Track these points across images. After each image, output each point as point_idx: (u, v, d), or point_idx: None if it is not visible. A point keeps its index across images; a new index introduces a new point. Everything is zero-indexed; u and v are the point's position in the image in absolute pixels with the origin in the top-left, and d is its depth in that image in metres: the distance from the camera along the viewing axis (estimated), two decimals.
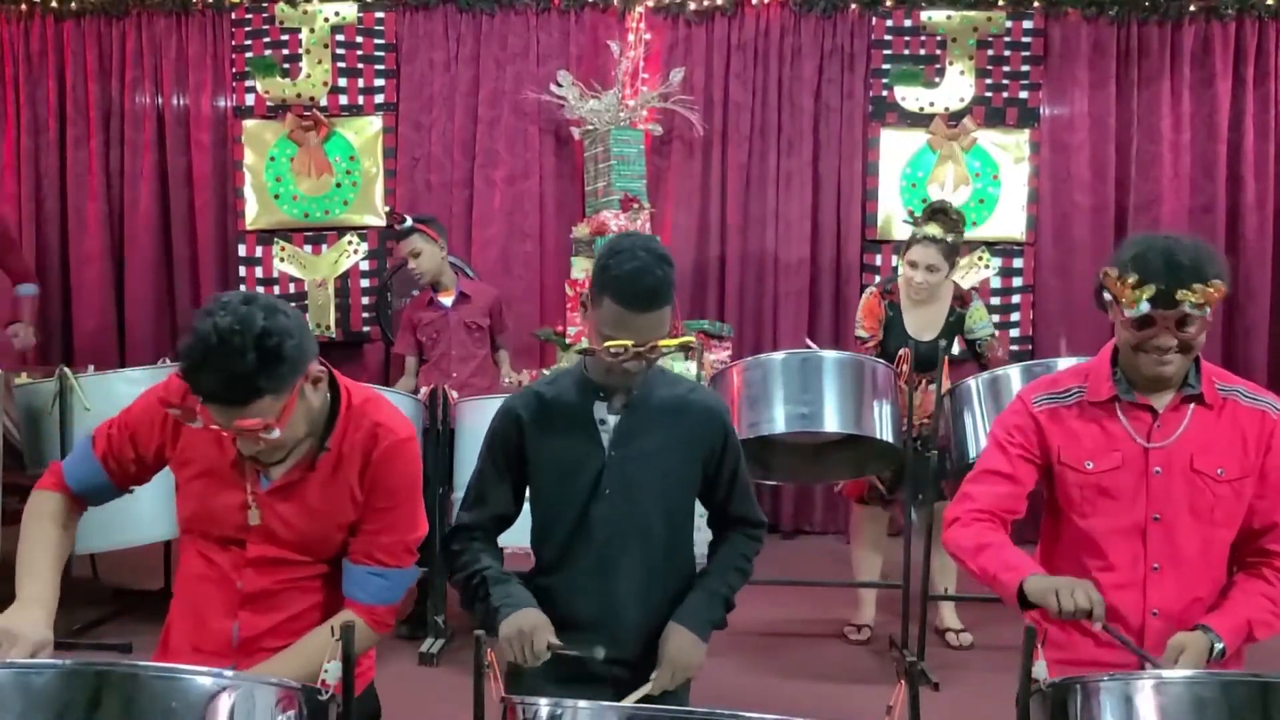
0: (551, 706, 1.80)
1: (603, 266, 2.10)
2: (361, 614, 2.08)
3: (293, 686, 1.74)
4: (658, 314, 2.09)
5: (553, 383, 2.28)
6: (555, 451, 2.21)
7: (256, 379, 1.86)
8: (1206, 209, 6.24)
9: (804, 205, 6.30)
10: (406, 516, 2.12)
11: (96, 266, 6.39)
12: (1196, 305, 2.06)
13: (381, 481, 2.08)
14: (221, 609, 2.11)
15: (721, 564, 2.29)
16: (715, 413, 2.28)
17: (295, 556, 2.10)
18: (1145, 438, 2.19)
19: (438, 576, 4.29)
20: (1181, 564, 2.19)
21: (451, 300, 4.81)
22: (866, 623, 4.59)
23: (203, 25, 6.36)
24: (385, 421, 2.10)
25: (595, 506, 2.19)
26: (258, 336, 1.85)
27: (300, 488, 2.07)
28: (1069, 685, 1.85)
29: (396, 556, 2.11)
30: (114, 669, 1.68)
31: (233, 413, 1.89)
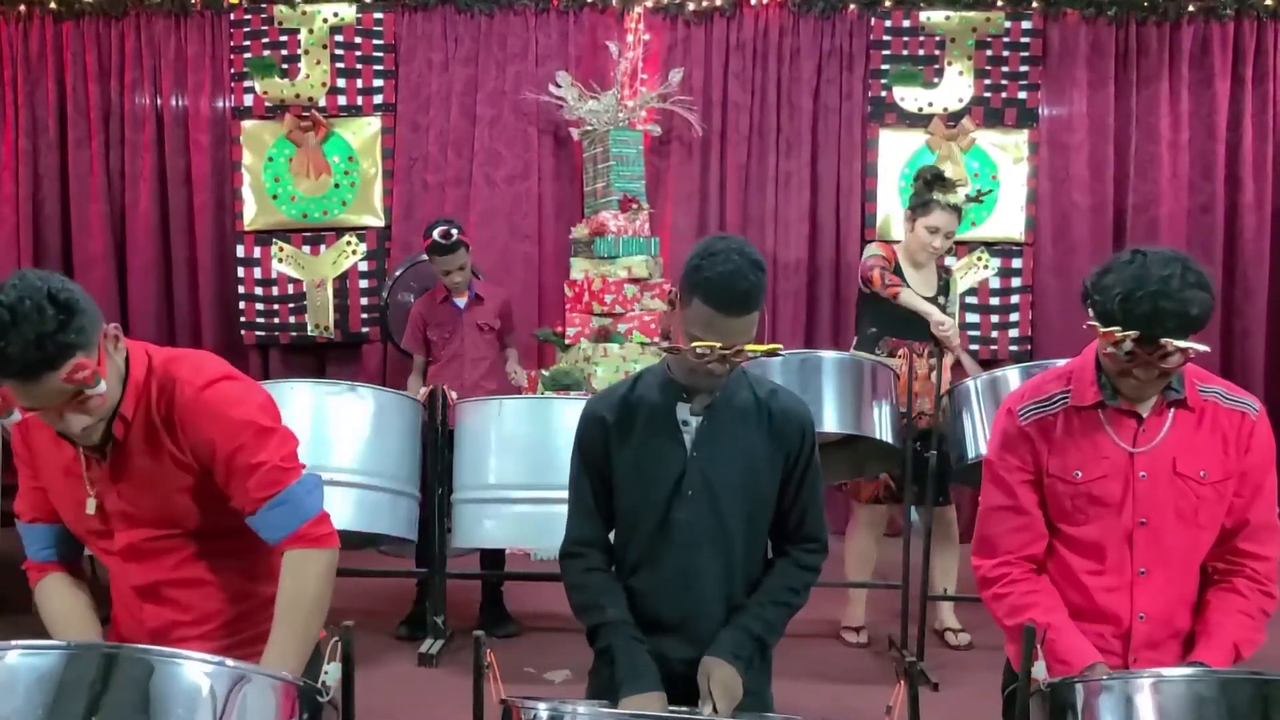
0: (550, 708, 1.81)
1: (695, 266, 2.07)
2: (294, 544, 2.01)
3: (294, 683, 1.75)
4: (748, 318, 2.08)
5: (636, 382, 2.28)
6: (638, 452, 2.21)
7: (61, 333, 1.82)
8: (1205, 209, 6.25)
9: (803, 206, 6.31)
10: (258, 445, 2.01)
11: (97, 268, 6.38)
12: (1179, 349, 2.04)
13: (199, 435, 2.00)
14: (128, 601, 2.12)
15: (761, 598, 2.23)
16: (796, 414, 2.26)
17: (158, 533, 2.05)
18: (1131, 443, 2.19)
19: (437, 577, 4.29)
20: (1167, 566, 2.20)
21: (465, 301, 4.79)
22: (861, 624, 4.59)
23: (201, 26, 6.36)
24: (183, 376, 2.03)
25: (677, 507, 2.18)
26: (49, 294, 1.82)
27: (124, 460, 2.03)
28: (1068, 685, 1.86)
29: (277, 481, 2.00)
30: (119, 651, 1.69)
31: (48, 380, 1.84)
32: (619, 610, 2.19)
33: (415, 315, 4.87)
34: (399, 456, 4.01)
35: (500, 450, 4.04)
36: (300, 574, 2.01)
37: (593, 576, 2.24)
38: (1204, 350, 2.05)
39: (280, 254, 6.35)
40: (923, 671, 3.99)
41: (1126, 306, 2.03)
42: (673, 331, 2.16)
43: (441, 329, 4.78)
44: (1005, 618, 2.23)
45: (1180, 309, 2.00)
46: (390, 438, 3.98)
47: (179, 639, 2.05)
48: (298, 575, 2.01)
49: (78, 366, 1.85)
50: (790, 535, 2.30)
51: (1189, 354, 2.05)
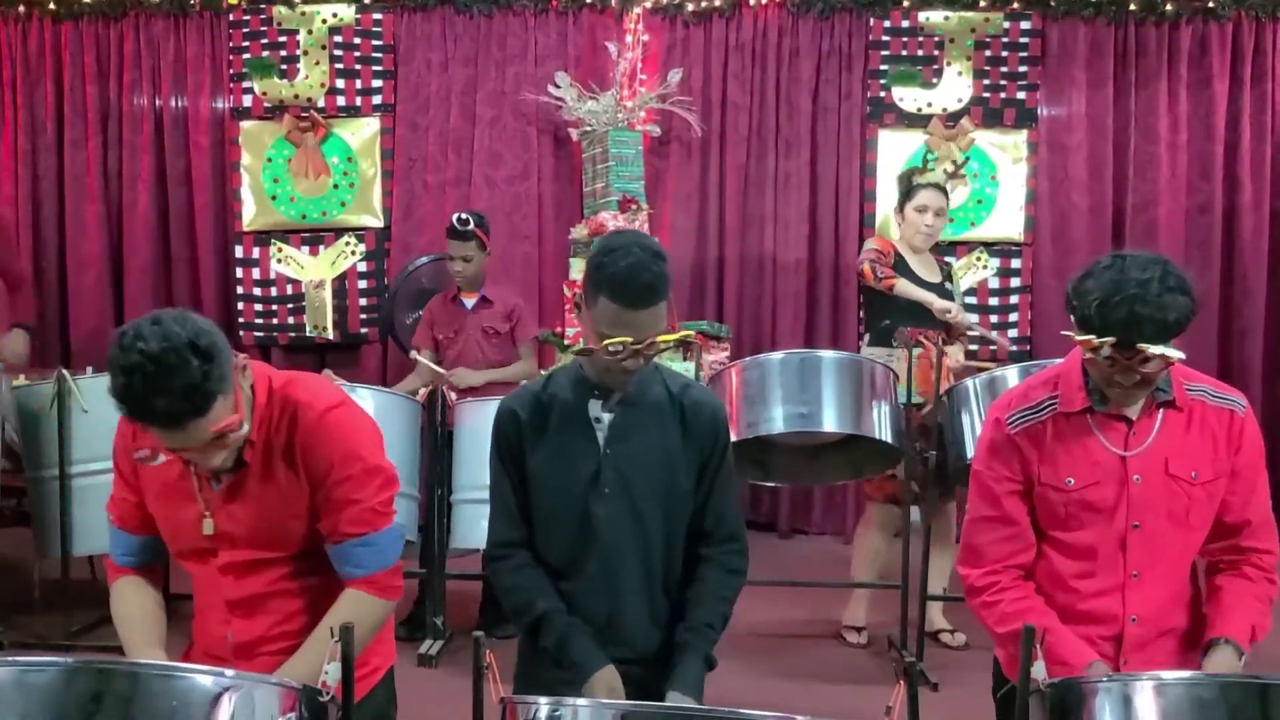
0: (551, 706, 1.81)
1: (597, 264, 2.07)
2: (363, 587, 2.08)
3: (294, 687, 1.75)
4: (654, 310, 2.07)
5: (549, 382, 2.28)
6: (551, 450, 2.20)
7: (206, 382, 1.84)
8: (1203, 209, 6.25)
9: (802, 206, 6.30)
10: (363, 481, 2.07)
11: (95, 269, 6.38)
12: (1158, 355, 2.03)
13: (317, 459, 2.04)
14: (215, 615, 2.13)
15: (700, 615, 2.20)
16: (709, 408, 2.26)
17: (266, 555, 2.08)
18: (1122, 447, 2.18)
19: (437, 577, 4.29)
20: (1159, 568, 2.19)
21: (473, 302, 4.79)
22: (863, 624, 4.58)
23: (200, 27, 6.35)
24: (304, 399, 2.07)
25: (596, 505, 2.18)
26: (190, 344, 1.84)
27: (242, 484, 2.05)
28: (1068, 686, 1.86)
29: (368, 523, 2.07)
30: (116, 667, 1.69)
31: (194, 427, 1.86)
32: (553, 601, 2.19)
33: (427, 312, 4.90)
34: (398, 457, 3.92)
35: None
36: (355, 611, 2.04)
37: (523, 574, 2.23)
38: (1180, 357, 2.04)
39: (279, 255, 6.35)
40: (922, 671, 3.99)
41: (1103, 312, 2.02)
42: (582, 333, 2.16)
43: (447, 328, 4.78)
44: (996, 625, 2.22)
45: (1157, 314, 1.99)
46: (390, 438, 3.89)
47: (264, 653, 2.08)
48: (353, 611, 2.04)
49: (226, 422, 1.88)
50: (709, 535, 2.26)
51: (1169, 360, 2.03)
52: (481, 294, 4.80)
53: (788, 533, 6.40)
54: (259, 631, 2.10)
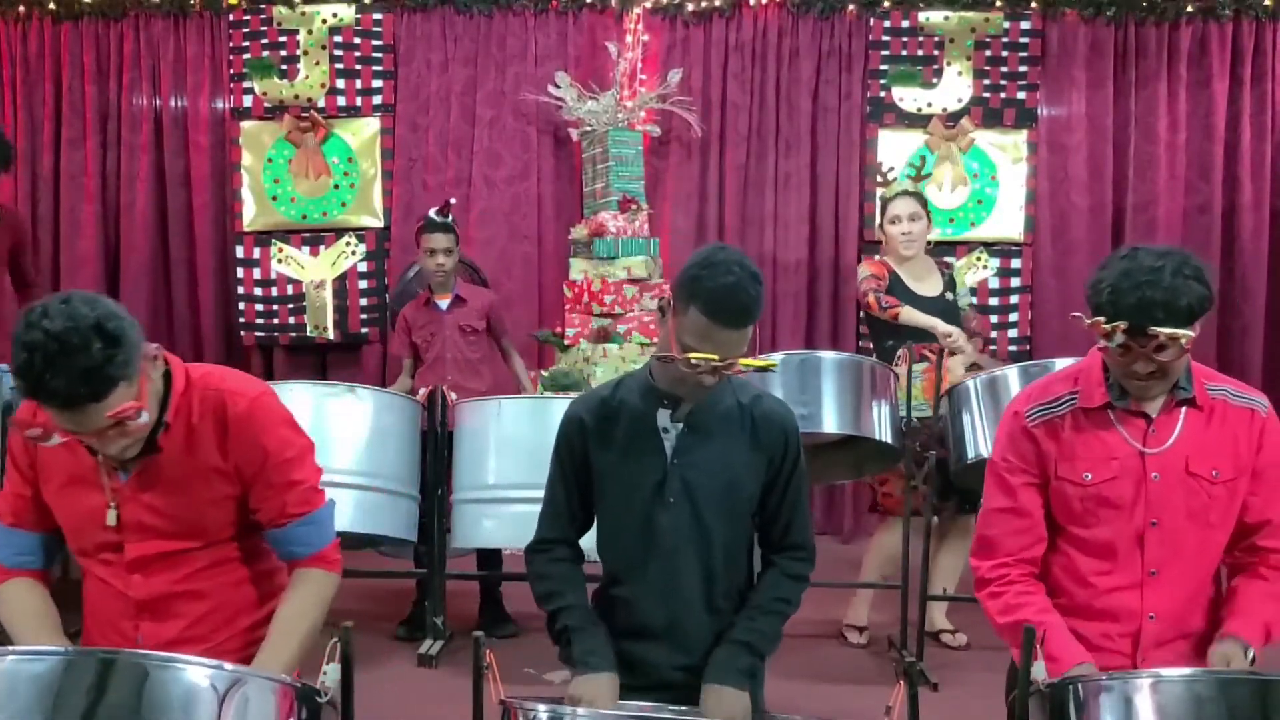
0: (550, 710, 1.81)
1: (694, 276, 2.06)
2: (314, 564, 2.10)
3: (292, 685, 1.75)
4: (745, 332, 2.08)
5: (618, 387, 2.27)
6: (618, 457, 2.21)
7: (107, 367, 1.82)
8: (1203, 209, 6.25)
9: (802, 206, 6.30)
10: (298, 463, 2.10)
11: (90, 268, 6.37)
12: (1170, 338, 2.03)
13: (250, 444, 2.04)
14: (121, 622, 2.08)
15: (752, 610, 2.23)
16: (779, 419, 2.24)
17: (175, 546, 2.05)
18: (1142, 443, 2.17)
19: (437, 577, 4.29)
20: (1178, 566, 2.19)
21: (448, 303, 4.79)
22: (864, 624, 4.58)
23: (200, 27, 6.35)
24: (232, 387, 2.07)
25: (660, 514, 2.19)
26: (94, 326, 1.81)
27: (154, 471, 2.03)
28: (1067, 685, 1.86)
29: (310, 501, 2.10)
30: (117, 657, 1.69)
31: (91, 411, 1.84)
32: (578, 596, 2.23)
33: (401, 320, 4.85)
34: (398, 457, 4.01)
35: (499, 451, 4.04)
36: (310, 591, 2.08)
37: (558, 566, 2.26)
38: (1190, 335, 2.03)
39: (280, 255, 6.35)
40: (922, 671, 3.99)
41: (1115, 298, 2.03)
42: (664, 339, 2.15)
43: (425, 331, 4.77)
44: (998, 615, 2.23)
45: (1168, 298, 2.00)
46: (389, 439, 3.98)
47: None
48: (307, 592, 2.07)
49: (123, 408, 1.85)
50: (776, 543, 2.29)
51: (1183, 343, 2.03)
52: (455, 293, 4.79)
53: None
54: (171, 634, 2.06)
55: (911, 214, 4.48)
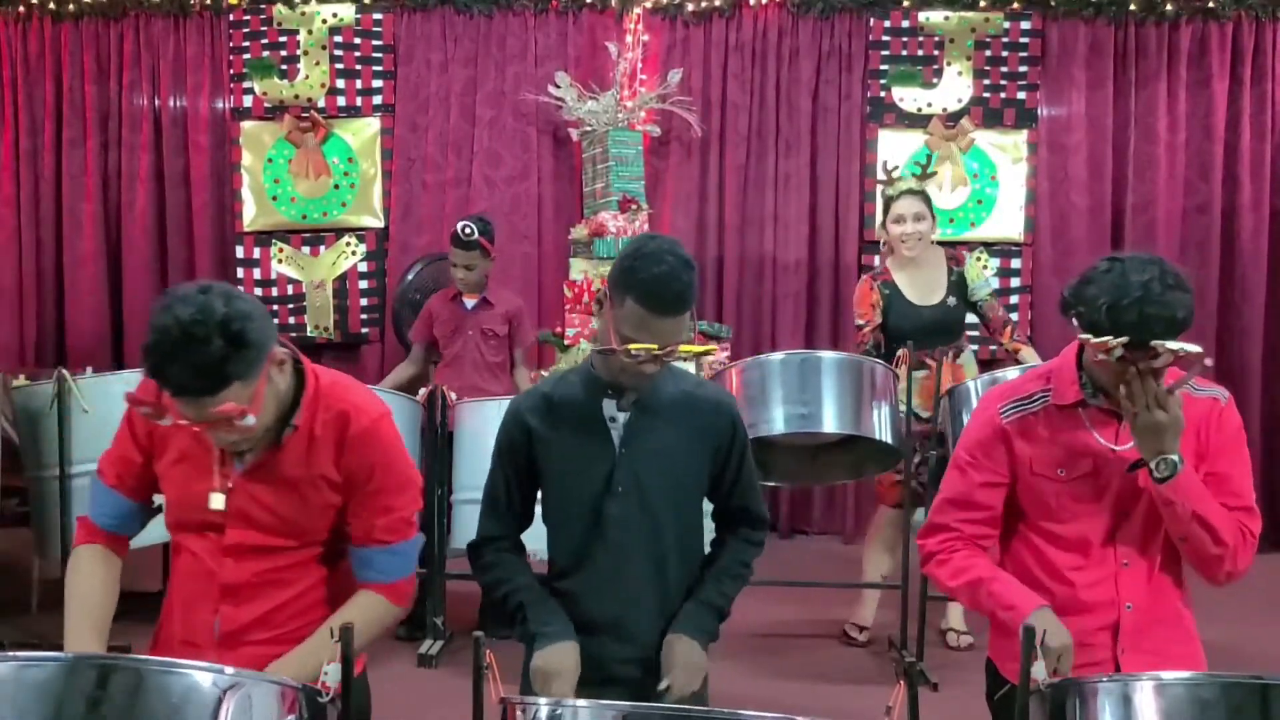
0: (551, 706, 1.81)
1: (628, 267, 2.08)
2: (382, 592, 2.12)
3: (294, 686, 1.75)
4: (680, 319, 2.09)
5: (559, 382, 2.28)
6: (565, 451, 2.21)
7: (225, 366, 1.85)
8: (1202, 209, 6.25)
9: (802, 206, 6.30)
10: (399, 492, 2.13)
11: (91, 268, 6.37)
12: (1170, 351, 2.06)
13: (362, 462, 2.08)
14: (203, 601, 2.11)
15: (718, 573, 2.27)
16: (724, 406, 2.28)
17: (274, 542, 2.09)
18: (1113, 440, 2.21)
19: (437, 577, 4.29)
20: (1149, 556, 2.23)
21: (474, 303, 4.80)
22: (867, 624, 4.58)
23: (201, 27, 6.35)
24: (356, 402, 2.11)
25: (608, 505, 2.19)
26: (221, 323, 1.84)
27: (271, 468, 2.06)
28: (1067, 686, 1.86)
29: (399, 532, 2.13)
30: (116, 662, 1.69)
31: (204, 403, 1.88)
32: (527, 577, 2.22)
33: (426, 309, 4.91)
34: None
35: None
36: (368, 614, 2.09)
37: (502, 556, 2.26)
38: (1197, 350, 2.06)
39: (280, 255, 6.35)
40: (923, 672, 3.99)
41: (1114, 315, 2.05)
42: (603, 332, 2.15)
43: (446, 327, 4.79)
44: (949, 579, 2.28)
45: (1166, 313, 2.03)
46: None
47: (249, 643, 2.07)
48: (364, 613, 2.08)
49: (227, 408, 1.87)
50: (733, 517, 2.33)
51: (1178, 354, 2.06)
52: (483, 296, 4.81)
53: (788, 533, 6.39)
54: (246, 620, 2.09)
55: (916, 214, 4.38)
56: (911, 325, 4.32)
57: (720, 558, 2.30)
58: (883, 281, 4.46)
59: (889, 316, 4.40)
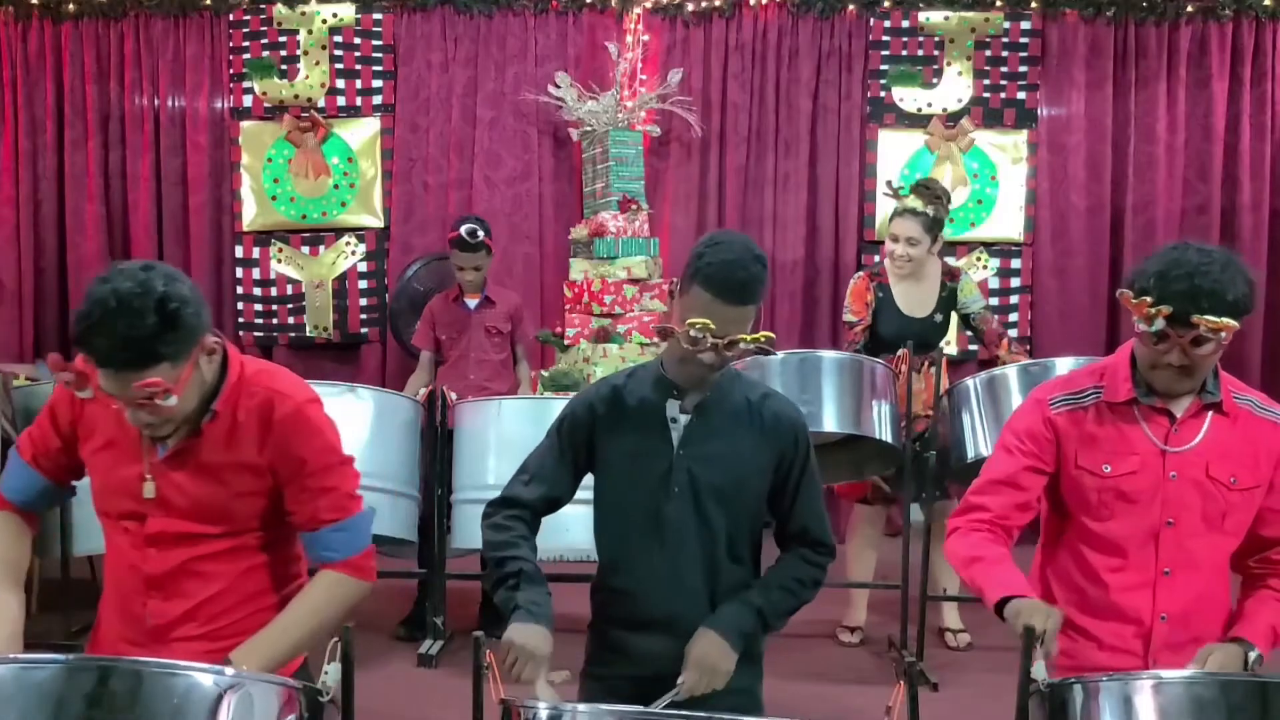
0: (551, 708, 1.81)
1: (698, 254, 2.10)
2: (342, 570, 2.11)
3: (294, 686, 1.75)
4: (745, 309, 2.09)
5: (630, 377, 2.28)
6: (624, 446, 2.21)
7: (155, 342, 1.86)
8: (1201, 210, 6.25)
9: (801, 206, 6.31)
10: (334, 471, 2.13)
11: (95, 268, 6.37)
12: (1212, 330, 2.03)
13: (290, 447, 2.07)
14: (133, 595, 2.11)
15: (768, 580, 2.24)
16: (791, 420, 2.25)
17: (195, 529, 2.07)
18: (1163, 441, 2.18)
19: (437, 578, 4.29)
20: (1191, 569, 2.19)
21: (476, 303, 4.81)
22: (859, 624, 4.59)
23: (201, 27, 6.35)
24: (281, 388, 2.10)
25: (664, 505, 2.18)
26: (159, 300, 1.85)
27: (191, 454, 2.06)
28: (1068, 686, 1.86)
29: (344, 509, 2.12)
30: (117, 664, 1.69)
31: (127, 378, 1.87)
32: (531, 552, 2.19)
33: (428, 312, 4.91)
34: (398, 457, 4.00)
35: (500, 451, 4.03)
36: (329, 593, 2.10)
37: (517, 522, 2.22)
38: (1235, 326, 2.04)
39: (279, 255, 6.35)
40: (922, 671, 3.99)
41: (1162, 284, 2.04)
42: (671, 323, 2.16)
43: (450, 329, 4.80)
44: (958, 551, 2.27)
45: (1217, 288, 2.01)
46: (390, 439, 3.98)
47: (180, 638, 2.06)
48: (326, 593, 2.09)
49: (149, 382, 1.87)
50: (793, 539, 2.29)
51: (1222, 337, 2.03)
52: (485, 294, 4.82)
53: None
54: (175, 613, 2.08)
55: (909, 238, 4.32)
56: (896, 334, 4.32)
57: (775, 568, 2.27)
58: (879, 284, 4.46)
59: (877, 320, 4.42)
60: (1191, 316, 2.02)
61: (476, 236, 4.65)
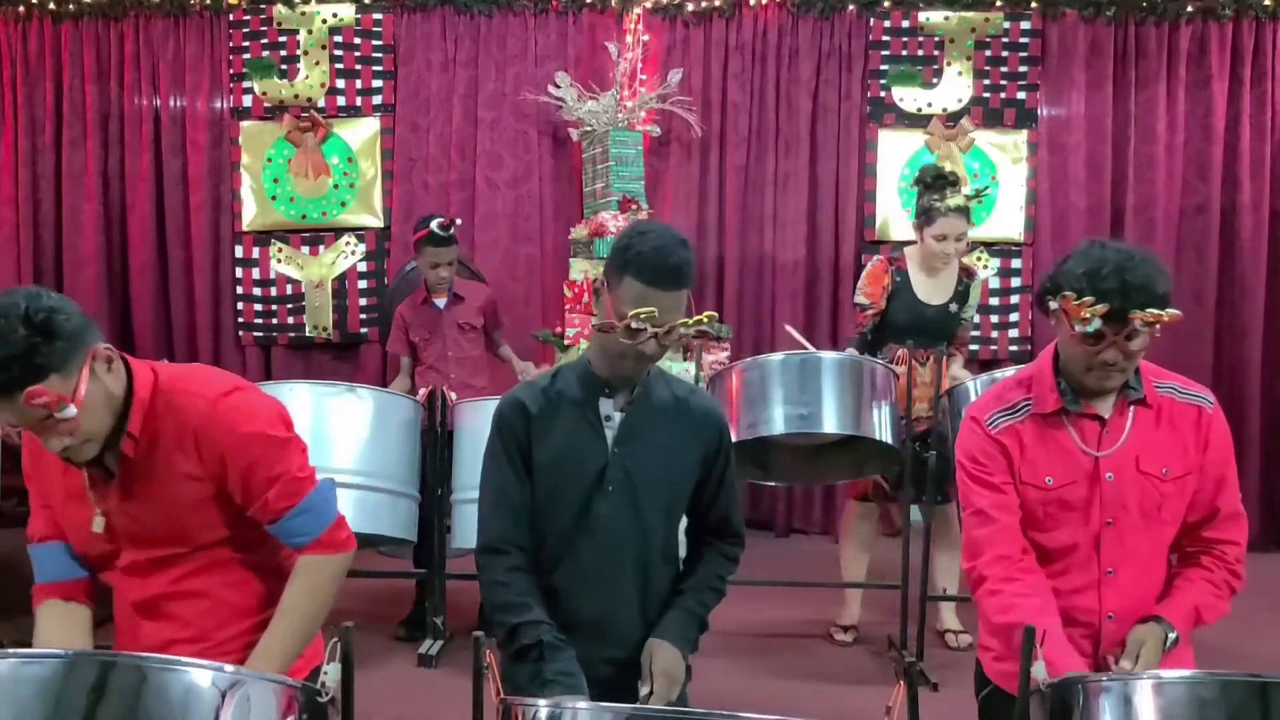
0: (551, 707, 1.81)
1: (624, 245, 2.10)
2: (316, 550, 2.09)
3: (293, 685, 1.75)
4: (679, 294, 2.09)
5: (557, 377, 2.27)
6: (559, 445, 2.20)
7: (34, 356, 1.83)
8: (1201, 209, 6.25)
9: (801, 207, 6.31)
10: (276, 456, 2.06)
11: (92, 268, 6.37)
12: (1147, 324, 2.07)
13: (221, 445, 2.02)
14: (129, 629, 2.13)
15: (698, 584, 2.26)
16: (714, 415, 2.29)
17: (164, 552, 2.06)
18: (1095, 446, 2.20)
19: (437, 577, 4.29)
20: (1133, 564, 2.22)
21: (445, 301, 4.79)
22: (853, 623, 4.59)
23: (200, 27, 6.35)
24: (190, 390, 2.04)
25: (598, 502, 2.18)
26: (24, 315, 1.83)
27: (130, 481, 2.03)
28: (1068, 686, 1.86)
29: (298, 491, 2.07)
30: (117, 659, 1.69)
31: (16, 398, 1.84)
32: (543, 611, 2.15)
33: (398, 318, 4.85)
34: (398, 457, 4.00)
35: None
36: (313, 577, 2.08)
37: (517, 576, 2.17)
38: (1178, 315, 2.08)
39: (279, 255, 6.35)
40: (922, 672, 3.99)
41: (1094, 283, 2.07)
42: (602, 318, 2.14)
43: (423, 330, 4.77)
44: (995, 615, 2.21)
45: (1146, 283, 2.05)
46: (389, 438, 3.98)
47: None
48: (310, 578, 2.08)
49: (36, 393, 1.84)
50: (713, 530, 2.32)
51: (1155, 331, 2.07)
52: (452, 292, 4.79)
53: (786, 532, 6.40)
54: (169, 635, 2.08)
55: (959, 235, 4.32)
56: (911, 321, 4.34)
57: (697, 571, 2.28)
58: (897, 269, 4.46)
59: (891, 305, 4.41)
60: (1129, 313, 2.05)
61: (449, 229, 4.62)
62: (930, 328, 4.33)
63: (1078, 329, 2.10)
